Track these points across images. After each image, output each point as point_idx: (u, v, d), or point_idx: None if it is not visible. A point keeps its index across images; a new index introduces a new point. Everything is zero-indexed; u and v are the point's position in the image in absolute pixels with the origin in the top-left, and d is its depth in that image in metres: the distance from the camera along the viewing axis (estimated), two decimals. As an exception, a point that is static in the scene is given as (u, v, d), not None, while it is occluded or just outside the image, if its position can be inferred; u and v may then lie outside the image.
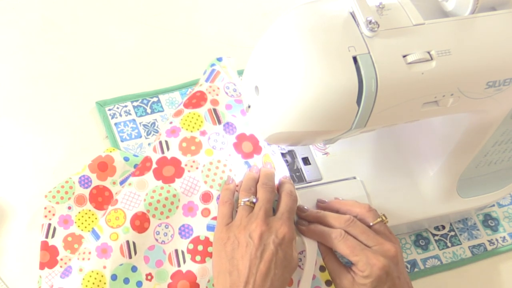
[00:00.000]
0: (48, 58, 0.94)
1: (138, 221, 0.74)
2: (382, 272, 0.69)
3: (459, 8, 0.65)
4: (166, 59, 0.97)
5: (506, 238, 0.89)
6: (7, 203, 0.81)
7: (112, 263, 0.73)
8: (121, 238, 0.73)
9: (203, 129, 0.79)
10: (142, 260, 0.74)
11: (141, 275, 0.74)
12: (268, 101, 0.65)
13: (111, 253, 0.73)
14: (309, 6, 0.64)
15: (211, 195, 0.75)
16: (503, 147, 0.77)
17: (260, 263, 0.67)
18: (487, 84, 0.66)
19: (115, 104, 0.89)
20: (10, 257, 0.77)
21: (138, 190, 0.75)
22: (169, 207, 0.75)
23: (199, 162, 0.77)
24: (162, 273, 0.75)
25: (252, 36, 1.01)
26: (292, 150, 0.80)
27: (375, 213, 0.75)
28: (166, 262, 0.75)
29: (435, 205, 0.83)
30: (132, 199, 0.75)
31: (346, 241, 0.71)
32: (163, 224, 0.75)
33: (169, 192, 0.75)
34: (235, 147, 0.79)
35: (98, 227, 0.74)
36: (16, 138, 0.87)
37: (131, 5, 1.02)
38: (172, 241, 0.75)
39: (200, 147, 0.78)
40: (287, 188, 0.74)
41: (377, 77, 0.61)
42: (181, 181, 0.76)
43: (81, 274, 0.72)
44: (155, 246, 0.75)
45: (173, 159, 0.77)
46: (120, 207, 0.74)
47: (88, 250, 0.73)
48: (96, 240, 0.74)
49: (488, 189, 0.84)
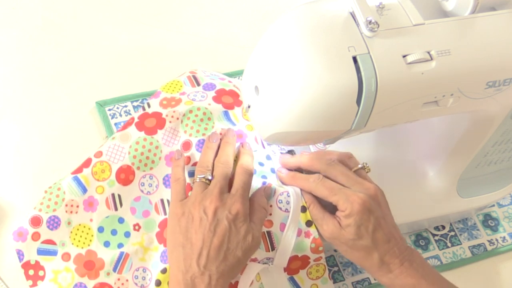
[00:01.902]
0: (48, 58, 0.94)
1: (123, 174, 0.76)
2: (362, 207, 0.69)
3: (459, 8, 0.65)
4: (166, 59, 0.97)
5: (506, 238, 0.89)
6: (7, 203, 0.81)
7: (98, 216, 0.76)
8: (106, 191, 0.76)
9: (183, 91, 0.82)
10: (129, 211, 0.76)
11: (129, 225, 0.76)
12: (268, 101, 0.66)
13: (97, 207, 0.76)
14: (309, 6, 0.64)
15: (191, 143, 0.77)
16: (503, 147, 0.77)
17: (214, 236, 0.68)
18: (487, 84, 0.66)
19: (115, 104, 0.89)
20: (10, 257, 0.77)
21: (122, 143, 0.77)
22: (152, 159, 0.77)
23: (179, 112, 0.78)
24: (149, 223, 0.76)
25: (252, 36, 1.01)
26: (292, 150, 0.80)
27: (356, 161, 0.75)
28: (153, 212, 0.77)
29: (435, 205, 0.83)
30: (116, 152, 0.77)
31: (324, 183, 0.72)
32: (147, 175, 0.77)
33: (152, 144, 0.77)
34: (215, 99, 0.80)
35: (84, 178, 0.76)
36: (16, 138, 0.87)
37: (131, 5, 1.02)
38: (158, 191, 0.77)
39: (180, 101, 0.80)
40: (243, 161, 0.74)
41: (377, 77, 0.61)
42: (163, 132, 0.78)
43: (69, 227, 0.75)
44: (141, 197, 0.77)
45: (154, 112, 0.79)
46: (105, 160, 0.76)
47: (76, 204, 0.76)
48: (83, 193, 0.76)
49: (488, 189, 0.84)
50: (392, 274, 0.70)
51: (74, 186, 0.76)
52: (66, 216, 0.76)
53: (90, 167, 0.76)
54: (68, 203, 0.76)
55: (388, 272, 0.71)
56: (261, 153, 0.78)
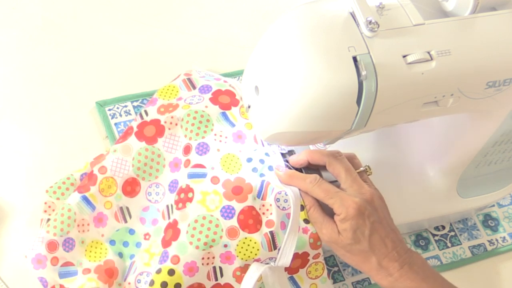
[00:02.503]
0: (48, 58, 0.94)
1: (129, 187, 0.77)
2: (357, 212, 0.69)
3: (459, 8, 0.65)
4: (166, 59, 0.97)
5: (506, 238, 0.89)
6: (7, 203, 0.81)
7: (109, 230, 0.77)
8: (114, 205, 0.77)
9: (179, 97, 0.82)
10: (138, 221, 0.77)
11: (139, 236, 0.77)
12: (268, 101, 0.65)
13: (106, 221, 0.77)
14: (309, 6, 0.64)
15: (191, 146, 0.77)
16: (503, 147, 0.77)
17: None
18: (487, 84, 0.66)
19: (115, 104, 0.89)
20: (10, 257, 0.77)
21: (124, 156, 0.77)
22: (157, 167, 0.78)
23: (177, 117, 0.79)
24: (157, 230, 0.77)
25: (252, 36, 1.01)
26: (292, 150, 0.80)
27: (359, 163, 0.76)
28: (160, 219, 0.78)
29: (435, 205, 0.83)
30: (120, 165, 0.77)
31: (321, 185, 0.72)
32: (153, 184, 0.78)
33: (154, 153, 0.78)
34: (212, 101, 0.80)
35: (92, 197, 0.76)
36: (16, 138, 0.86)
37: (131, 5, 1.02)
38: (164, 198, 0.78)
39: (177, 106, 0.80)
40: None
41: (377, 77, 0.61)
42: (163, 140, 0.78)
43: (83, 246, 0.76)
44: (149, 206, 0.78)
45: (152, 120, 0.80)
46: (110, 175, 0.77)
47: (87, 222, 0.76)
48: (92, 211, 0.76)
49: (488, 189, 0.84)
50: (392, 278, 0.70)
51: (83, 205, 0.76)
52: (80, 235, 0.76)
53: (96, 185, 0.76)
54: (80, 223, 0.76)
55: (388, 276, 0.71)
56: (261, 151, 0.78)
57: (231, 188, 0.74)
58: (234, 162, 0.77)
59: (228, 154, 0.77)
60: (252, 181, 0.74)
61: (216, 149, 0.78)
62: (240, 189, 0.74)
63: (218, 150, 0.78)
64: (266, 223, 0.73)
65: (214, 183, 0.74)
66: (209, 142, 0.78)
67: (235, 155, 0.77)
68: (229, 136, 0.79)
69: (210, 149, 0.78)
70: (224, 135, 0.79)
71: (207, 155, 0.77)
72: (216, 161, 0.77)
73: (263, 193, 0.74)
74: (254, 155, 0.77)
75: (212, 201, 0.73)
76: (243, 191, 0.74)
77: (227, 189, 0.74)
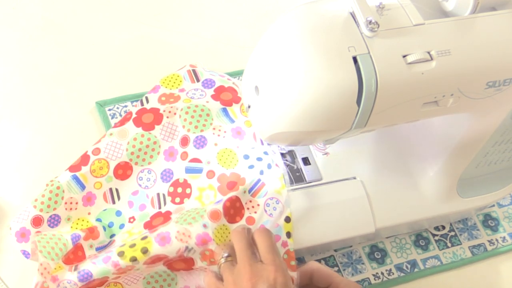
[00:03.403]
0: (48, 58, 0.94)
1: (121, 170, 0.78)
2: None
3: (459, 8, 0.65)
4: (166, 59, 0.97)
5: (506, 238, 0.89)
6: (7, 203, 0.81)
7: (96, 209, 0.78)
8: (104, 186, 0.77)
9: (182, 87, 0.83)
10: (126, 204, 0.78)
11: (125, 218, 0.78)
12: (268, 101, 0.65)
13: (95, 200, 0.78)
14: (309, 6, 0.64)
15: (188, 139, 0.78)
16: (503, 147, 0.77)
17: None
18: (487, 84, 0.66)
19: (115, 104, 0.89)
20: (10, 257, 0.77)
21: (119, 139, 0.78)
22: (151, 154, 0.79)
23: (177, 107, 0.79)
24: (143, 216, 0.77)
25: (252, 36, 1.01)
26: (292, 150, 0.80)
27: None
28: (149, 205, 0.78)
29: (435, 205, 0.83)
30: (114, 149, 0.78)
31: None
32: (145, 169, 0.79)
33: (150, 140, 0.79)
34: (213, 97, 0.81)
35: (82, 176, 0.77)
36: (16, 138, 0.87)
37: (131, 5, 1.02)
38: (155, 185, 0.78)
39: (179, 98, 0.81)
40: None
41: (377, 77, 0.61)
42: (161, 127, 0.79)
43: (69, 223, 0.76)
44: (139, 191, 0.78)
45: (152, 108, 0.80)
46: (103, 157, 0.78)
47: (75, 201, 0.77)
48: (82, 190, 0.77)
49: (488, 189, 0.84)
50: None
51: (73, 185, 0.77)
52: (66, 213, 0.76)
53: (88, 165, 0.77)
54: (68, 201, 0.76)
55: None
56: (259, 149, 0.78)
57: (226, 183, 0.74)
58: (230, 157, 0.77)
59: (226, 149, 0.78)
60: (248, 177, 0.74)
61: (214, 143, 0.78)
62: (235, 184, 0.74)
63: (216, 144, 0.78)
64: (246, 218, 0.73)
65: (209, 178, 0.75)
66: (207, 135, 0.79)
67: (232, 150, 0.78)
68: (228, 131, 0.79)
69: (207, 142, 0.78)
70: (223, 130, 0.79)
71: (204, 148, 0.78)
72: (212, 155, 0.78)
73: (254, 190, 0.74)
74: (252, 153, 0.77)
75: (207, 197, 0.74)
76: (237, 186, 0.74)
77: (222, 184, 0.74)
